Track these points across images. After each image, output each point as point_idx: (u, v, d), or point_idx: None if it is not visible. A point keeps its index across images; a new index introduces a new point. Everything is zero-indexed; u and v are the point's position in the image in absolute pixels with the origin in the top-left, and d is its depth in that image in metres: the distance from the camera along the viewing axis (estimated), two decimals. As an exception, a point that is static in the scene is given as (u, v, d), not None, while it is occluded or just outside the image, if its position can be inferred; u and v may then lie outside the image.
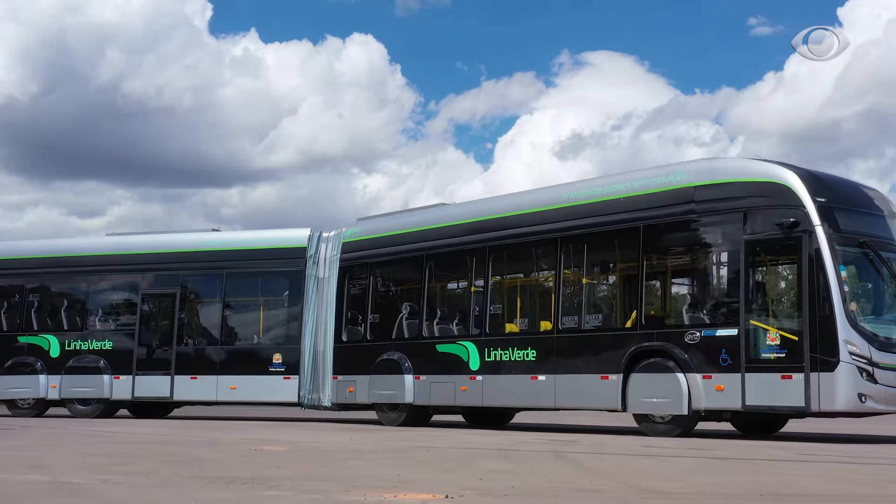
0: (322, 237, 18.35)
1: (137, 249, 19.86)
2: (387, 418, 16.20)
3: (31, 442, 11.11)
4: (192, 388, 18.68)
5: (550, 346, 13.83)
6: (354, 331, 17.18)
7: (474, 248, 15.24)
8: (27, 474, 6.89)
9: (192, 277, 19.38)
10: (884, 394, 10.89)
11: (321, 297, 17.97)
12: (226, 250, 19.18)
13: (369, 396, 16.43)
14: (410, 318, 16.20)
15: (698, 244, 12.67)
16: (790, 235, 11.29)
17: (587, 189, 13.99)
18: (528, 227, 14.51)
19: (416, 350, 15.89)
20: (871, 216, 11.79)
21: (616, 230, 13.48)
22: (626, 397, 12.66)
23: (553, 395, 13.68)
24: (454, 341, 15.34)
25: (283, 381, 18.03)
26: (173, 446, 10.19)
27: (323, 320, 17.80)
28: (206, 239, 19.70)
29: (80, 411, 19.34)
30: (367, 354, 16.61)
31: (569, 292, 14.28)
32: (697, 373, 11.92)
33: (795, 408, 11.10)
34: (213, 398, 18.61)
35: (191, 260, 19.34)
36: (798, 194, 11.31)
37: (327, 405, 17.59)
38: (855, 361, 10.76)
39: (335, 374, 17.28)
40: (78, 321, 20.02)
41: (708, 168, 12.43)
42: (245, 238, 19.46)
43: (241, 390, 18.37)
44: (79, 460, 8.37)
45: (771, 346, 11.34)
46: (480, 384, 14.69)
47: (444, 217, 16.12)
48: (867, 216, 11.74)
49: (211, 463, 8.01)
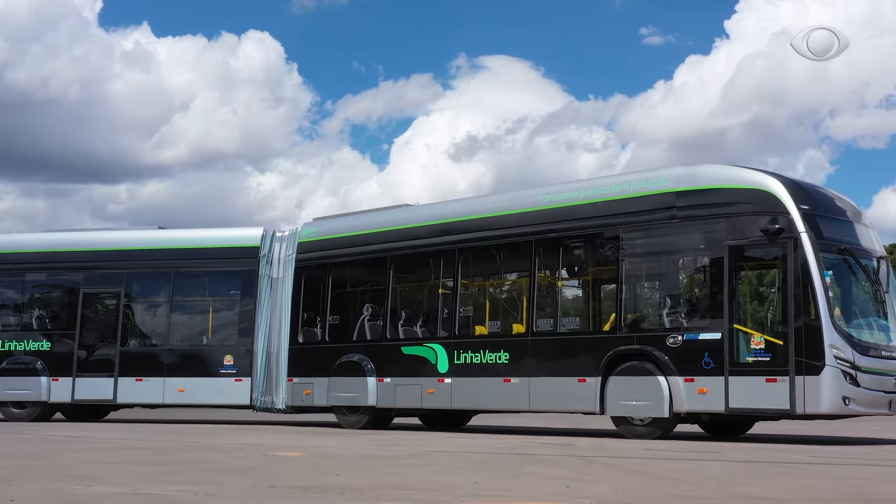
0: (276, 236, 18.02)
1: (79, 247, 19.17)
2: (347, 421, 15.97)
3: (17, 450, 10.35)
4: (138, 391, 18.11)
5: (524, 348, 13.82)
6: (312, 332, 16.89)
7: (443, 250, 15.14)
8: (92, 485, 6.30)
9: (138, 276, 18.78)
10: (865, 396, 11.20)
11: (275, 297, 17.64)
12: (174, 249, 18.65)
13: (329, 399, 16.18)
14: (373, 320, 16.01)
15: (679, 249, 12.82)
16: (775, 241, 11.52)
17: (563, 192, 14.03)
18: (500, 230, 14.48)
19: (380, 352, 15.71)
20: (847, 223, 12.13)
21: (593, 234, 13.57)
22: (605, 400, 12.75)
23: (527, 398, 13.68)
24: (421, 343, 15.21)
25: (235, 384, 17.64)
26: (193, 453, 9.65)
27: (277, 321, 17.49)
28: (153, 237, 19.10)
29: (14, 415, 18.55)
30: (326, 356, 16.36)
31: (543, 295, 14.29)
32: (679, 376, 12.06)
33: (780, 410, 11.33)
34: (160, 401, 18.07)
35: (136, 258, 18.75)
36: (783, 201, 11.55)
37: (281, 408, 17.27)
38: (839, 365, 11.04)
39: (290, 377, 16.98)
40: (13, 321, 19.23)
41: (689, 174, 12.60)
42: (194, 237, 18.90)
43: (190, 393, 17.88)
44: (125, 469, 7.65)
45: (755, 349, 11.55)
46: (449, 387, 14.60)
47: (411, 218, 15.97)
48: (844, 223, 12.08)
49: (260, 471, 7.51)
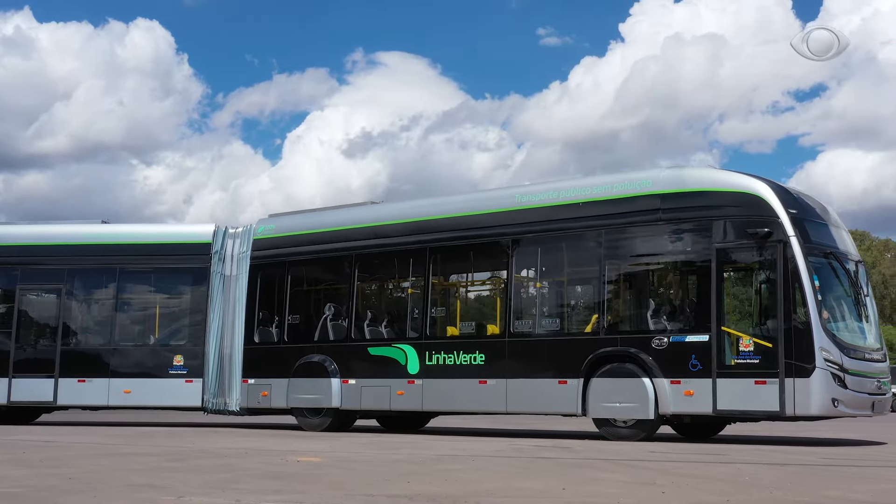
0: (228, 233, 17.48)
1: (14, 241, 18.26)
2: (308, 423, 15.56)
3: (19, 457, 9.71)
4: (81, 392, 17.33)
5: (501, 350, 13.65)
6: (269, 332, 16.41)
7: (413, 249, 14.86)
8: (183, 496, 5.84)
9: (81, 273, 17.97)
10: (852, 398, 11.39)
11: (228, 296, 17.11)
12: (119, 244, 17.89)
13: (289, 401, 15.74)
14: (336, 320, 15.65)
15: (664, 251, 12.81)
16: (764, 245, 11.62)
17: (541, 192, 13.90)
18: (475, 230, 14.27)
19: (344, 352, 15.35)
20: (829, 227, 12.32)
21: (574, 235, 13.48)
22: (587, 402, 12.69)
23: (504, 400, 13.52)
24: (389, 344, 14.92)
25: (185, 385, 17.04)
26: (213, 459, 9.09)
27: (230, 320, 16.96)
28: (96, 231, 18.25)
29: (-56, 417, 17.60)
30: (286, 357, 15.92)
31: (521, 296, 14.17)
32: (665, 378, 12.08)
33: (769, 412, 11.43)
34: (105, 403, 17.34)
35: (79, 254, 17.92)
36: (772, 205, 11.66)
37: (234, 410, 16.73)
38: (829, 368, 11.19)
39: (245, 378, 16.48)
40: (-58, 318, 18.22)
41: (674, 177, 12.62)
42: (141, 232, 18.18)
43: (137, 394, 17.19)
44: (180, 478, 7.07)
45: (744, 352, 11.64)
46: (420, 388, 14.34)
47: (379, 216, 15.61)
48: (827, 227, 12.26)
49: (318, 477, 7.16)
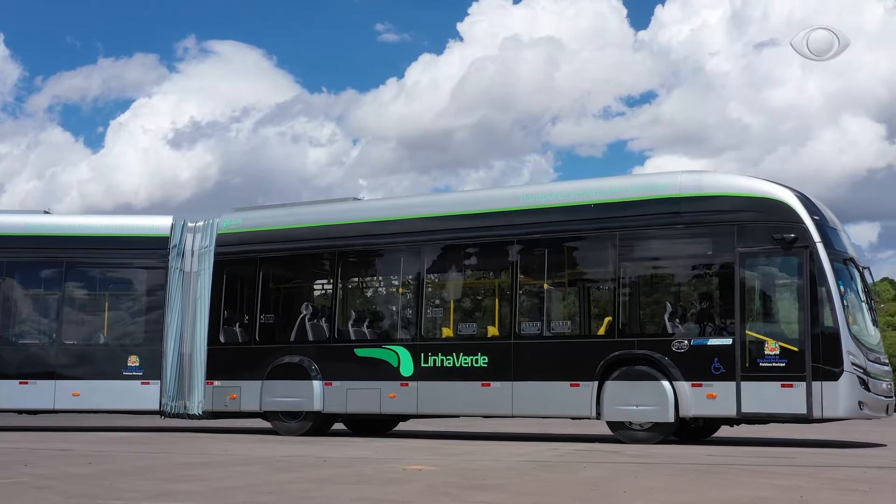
0: (188, 227, 16.53)
1: None
2: (285, 428, 14.87)
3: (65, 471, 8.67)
4: (23, 395, 16.05)
5: (507, 352, 13.41)
6: (238, 332, 15.65)
7: (408, 249, 14.44)
8: None
9: (21, 266, 16.69)
10: (874, 401, 11.72)
11: (189, 293, 16.20)
12: (65, 236, 16.64)
13: (262, 404, 15.01)
14: (315, 320, 15.06)
15: (683, 254, 12.86)
16: (790, 250, 11.80)
17: (549, 192, 13.79)
18: (475, 231, 13.97)
19: (327, 353, 14.77)
20: (842, 234, 12.65)
21: (587, 237, 13.39)
22: (601, 404, 12.61)
23: (510, 403, 13.28)
24: (379, 345, 14.43)
25: (141, 387, 16.03)
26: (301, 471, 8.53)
27: (191, 319, 16.07)
28: (39, 222, 16.93)
29: None
30: (258, 358, 15.19)
31: (529, 297, 13.95)
32: (685, 381, 12.12)
33: (796, 415, 11.62)
34: (51, 406, 16.12)
35: (17, 246, 16.59)
36: (797, 211, 11.86)
37: (196, 413, 15.84)
38: (855, 371, 11.47)
39: (209, 380, 15.63)
40: None
41: (694, 181, 12.68)
42: (91, 224, 16.90)
43: (87, 397, 16.05)
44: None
45: (770, 355, 11.79)
46: (414, 391, 13.93)
47: (366, 213, 15.04)
48: (839, 234, 12.57)
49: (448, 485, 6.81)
